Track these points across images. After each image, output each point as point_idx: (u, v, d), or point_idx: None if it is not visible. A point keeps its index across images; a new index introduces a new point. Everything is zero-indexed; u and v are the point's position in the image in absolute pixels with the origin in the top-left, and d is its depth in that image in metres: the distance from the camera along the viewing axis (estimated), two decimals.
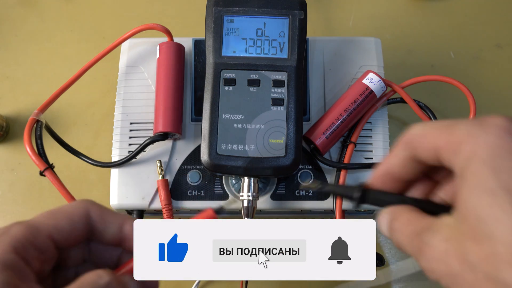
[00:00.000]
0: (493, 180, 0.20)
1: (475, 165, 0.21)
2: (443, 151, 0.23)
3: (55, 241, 0.25)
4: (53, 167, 0.42)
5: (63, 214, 0.26)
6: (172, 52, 0.45)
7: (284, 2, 0.42)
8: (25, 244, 0.24)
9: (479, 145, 0.21)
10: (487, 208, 0.20)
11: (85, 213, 0.27)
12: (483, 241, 0.20)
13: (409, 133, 0.26)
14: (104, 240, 0.27)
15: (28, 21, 0.62)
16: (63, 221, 0.26)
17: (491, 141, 0.21)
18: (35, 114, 0.43)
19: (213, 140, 0.40)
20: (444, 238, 0.22)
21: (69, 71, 0.48)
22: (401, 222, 0.25)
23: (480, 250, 0.20)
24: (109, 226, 0.27)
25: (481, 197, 0.20)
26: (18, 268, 0.24)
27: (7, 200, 0.55)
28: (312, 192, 0.44)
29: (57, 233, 0.26)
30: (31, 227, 0.25)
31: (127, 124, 0.45)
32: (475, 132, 0.22)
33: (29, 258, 0.24)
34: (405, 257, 0.52)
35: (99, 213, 0.27)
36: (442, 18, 0.62)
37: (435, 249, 0.23)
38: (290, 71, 0.41)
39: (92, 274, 0.25)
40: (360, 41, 0.48)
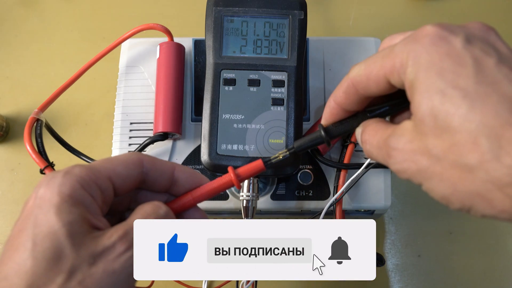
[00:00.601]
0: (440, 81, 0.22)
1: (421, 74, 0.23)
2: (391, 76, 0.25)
3: (113, 183, 0.27)
4: (54, 165, 0.42)
5: (119, 161, 0.27)
6: (172, 52, 0.45)
7: (284, 2, 0.42)
8: (89, 182, 0.25)
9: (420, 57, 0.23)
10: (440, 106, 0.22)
11: (139, 161, 0.28)
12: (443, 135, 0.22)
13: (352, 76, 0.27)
14: (155, 186, 0.29)
15: (28, 21, 0.62)
16: (120, 167, 0.27)
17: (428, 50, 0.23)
18: (35, 113, 0.43)
19: (213, 140, 0.40)
20: (408, 140, 0.24)
21: (69, 71, 0.48)
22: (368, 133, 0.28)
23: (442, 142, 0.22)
24: (161, 172, 0.28)
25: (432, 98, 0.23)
26: (87, 203, 0.25)
27: (7, 200, 0.55)
28: (312, 192, 0.44)
29: (115, 176, 0.27)
30: (92, 168, 0.26)
31: (127, 124, 0.45)
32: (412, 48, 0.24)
33: (95, 196, 0.26)
34: (405, 257, 0.52)
35: (151, 161, 0.28)
36: (442, 18, 0.62)
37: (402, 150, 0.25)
38: (290, 71, 0.41)
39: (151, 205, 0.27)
40: (360, 41, 0.48)
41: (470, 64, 0.22)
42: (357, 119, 0.29)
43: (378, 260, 0.43)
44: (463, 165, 0.22)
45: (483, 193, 0.22)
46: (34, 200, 0.25)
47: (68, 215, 0.24)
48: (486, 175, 0.21)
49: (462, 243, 0.53)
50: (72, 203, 0.24)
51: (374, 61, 0.26)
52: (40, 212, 0.24)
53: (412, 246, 0.53)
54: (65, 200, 0.24)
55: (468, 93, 0.22)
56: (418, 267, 0.52)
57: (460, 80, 0.22)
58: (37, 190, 0.25)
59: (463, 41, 0.23)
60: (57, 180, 0.25)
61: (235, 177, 0.29)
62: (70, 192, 0.24)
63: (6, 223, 0.54)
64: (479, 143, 0.21)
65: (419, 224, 0.54)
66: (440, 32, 0.24)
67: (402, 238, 0.53)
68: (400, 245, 0.53)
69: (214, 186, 0.29)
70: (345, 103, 0.29)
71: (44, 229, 0.24)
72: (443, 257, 0.53)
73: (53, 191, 0.24)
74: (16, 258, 0.24)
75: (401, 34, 0.28)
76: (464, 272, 0.52)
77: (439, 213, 0.54)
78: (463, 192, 0.22)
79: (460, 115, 0.22)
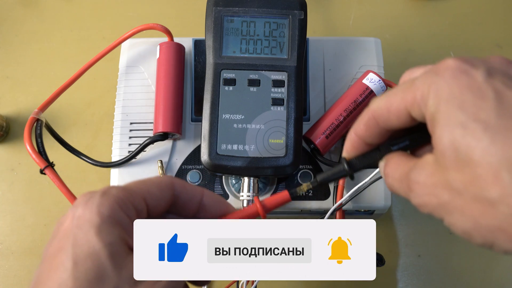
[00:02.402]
0: (461, 114, 0.22)
1: (442, 106, 0.23)
2: (412, 109, 0.25)
3: (147, 205, 0.27)
4: (54, 165, 0.42)
5: (153, 183, 0.28)
6: (172, 52, 0.45)
7: (284, 2, 0.42)
8: (126, 203, 0.26)
9: (441, 90, 0.23)
10: (461, 139, 0.22)
11: (171, 183, 0.28)
12: (464, 168, 0.22)
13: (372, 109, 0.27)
14: (184, 210, 0.29)
15: (28, 21, 0.62)
16: (154, 188, 0.27)
17: (449, 83, 0.23)
18: (35, 113, 0.43)
19: (213, 140, 0.40)
20: (429, 173, 0.24)
21: (69, 71, 0.48)
22: (391, 167, 0.27)
23: (463, 176, 0.22)
24: (191, 196, 0.29)
25: (453, 131, 0.22)
26: (125, 223, 0.25)
27: (7, 200, 0.55)
28: (312, 192, 0.44)
29: (149, 198, 0.27)
30: (128, 189, 0.26)
31: (127, 124, 0.45)
32: (433, 80, 0.24)
33: (130, 216, 0.26)
34: (405, 257, 0.52)
35: (182, 185, 0.28)
36: (442, 18, 0.62)
37: (423, 184, 0.24)
38: (290, 71, 0.41)
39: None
40: (360, 41, 0.48)
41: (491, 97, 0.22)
42: (380, 152, 0.29)
43: (378, 260, 0.43)
44: (484, 199, 0.22)
45: (506, 228, 0.21)
46: (72, 220, 0.25)
47: (109, 236, 0.24)
48: (508, 209, 0.21)
49: (462, 243, 0.53)
50: (112, 224, 0.24)
51: (395, 94, 0.26)
52: (80, 232, 0.24)
53: (412, 246, 0.53)
54: (104, 221, 0.24)
55: (489, 126, 0.22)
56: (418, 267, 0.52)
57: (481, 113, 0.22)
58: (74, 210, 0.25)
59: (484, 74, 0.23)
60: (95, 200, 0.25)
61: (261, 208, 0.30)
62: (109, 213, 0.25)
63: (6, 223, 0.54)
64: (500, 177, 0.21)
65: (419, 224, 0.54)
66: (461, 65, 0.24)
67: (402, 238, 0.53)
68: (400, 245, 0.53)
69: (240, 216, 0.30)
70: (366, 135, 0.28)
71: (85, 249, 0.24)
72: (443, 257, 0.53)
73: (92, 211, 0.24)
74: (56, 278, 0.23)
75: (421, 68, 0.27)
76: (464, 272, 0.52)
77: None
78: (485, 227, 0.22)
79: (481, 148, 0.21)
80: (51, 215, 0.54)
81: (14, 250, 0.53)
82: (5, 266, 0.53)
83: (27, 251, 0.53)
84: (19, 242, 0.53)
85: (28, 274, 0.52)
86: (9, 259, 0.53)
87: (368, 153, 0.29)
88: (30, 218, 0.54)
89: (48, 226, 0.54)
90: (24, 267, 0.53)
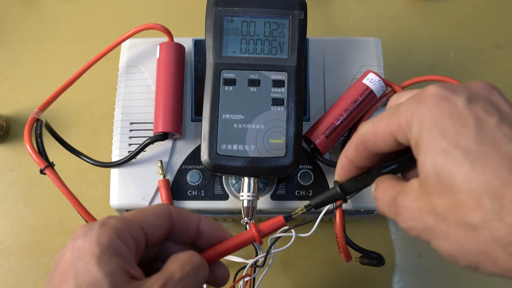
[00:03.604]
0: (442, 141, 0.23)
1: (425, 133, 0.24)
2: (398, 134, 0.26)
3: (145, 233, 0.27)
4: (54, 165, 0.42)
5: (150, 212, 0.28)
6: (172, 52, 0.45)
7: (284, 2, 0.42)
8: (125, 233, 0.26)
9: (423, 117, 0.24)
10: (443, 165, 0.23)
11: (168, 212, 0.29)
12: (446, 194, 0.23)
13: (360, 134, 0.28)
14: (181, 237, 0.29)
15: (28, 21, 0.62)
16: (151, 217, 0.28)
17: (432, 110, 0.24)
18: (35, 113, 0.43)
19: (213, 140, 0.40)
20: (414, 198, 0.25)
21: (69, 71, 0.48)
22: (380, 191, 0.28)
23: (446, 201, 0.23)
24: (188, 224, 0.29)
25: (435, 157, 0.23)
26: (124, 253, 0.26)
27: (7, 200, 0.55)
28: (312, 192, 0.44)
29: (147, 227, 0.27)
30: (126, 219, 0.27)
31: (127, 124, 0.45)
32: (416, 107, 0.25)
33: (130, 246, 0.26)
34: (405, 257, 0.52)
35: (179, 213, 0.29)
36: (442, 18, 0.62)
37: (409, 209, 0.25)
38: (290, 71, 0.41)
39: (186, 253, 0.27)
40: (360, 41, 0.48)
41: (471, 123, 0.23)
42: (371, 175, 0.29)
43: (378, 260, 0.43)
44: (467, 224, 0.22)
45: (488, 252, 0.22)
46: (72, 252, 0.25)
47: (109, 266, 0.24)
48: (489, 234, 0.22)
49: None
50: (111, 254, 0.25)
51: (381, 120, 0.27)
52: (80, 263, 0.24)
53: (412, 246, 0.53)
54: (104, 251, 0.25)
55: (469, 153, 0.22)
56: (418, 267, 0.52)
57: (462, 139, 0.23)
58: (74, 242, 0.25)
59: (465, 101, 0.24)
60: (94, 231, 0.25)
61: (257, 233, 0.30)
62: (109, 243, 0.25)
63: (6, 223, 0.54)
64: (481, 203, 0.22)
65: None
66: (443, 92, 0.24)
67: (402, 238, 0.53)
68: (400, 245, 0.53)
69: (236, 242, 0.30)
70: (356, 159, 0.29)
71: (87, 280, 0.24)
72: (443, 257, 0.53)
73: (91, 243, 0.25)
74: None
75: (407, 93, 0.28)
76: (464, 272, 0.52)
77: None
78: (469, 251, 0.23)
79: (462, 174, 0.22)
80: (51, 215, 0.54)
81: (14, 250, 0.53)
82: (5, 266, 0.53)
83: (27, 251, 0.53)
84: (19, 242, 0.53)
85: (28, 274, 0.52)
86: (9, 259, 0.53)
87: (360, 176, 0.30)
88: (30, 218, 0.54)
89: (48, 226, 0.54)
90: (24, 267, 0.53)
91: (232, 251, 0.30)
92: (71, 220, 0.54)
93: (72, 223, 0.54)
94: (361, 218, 0.49)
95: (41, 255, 0.53)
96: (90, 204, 0.54)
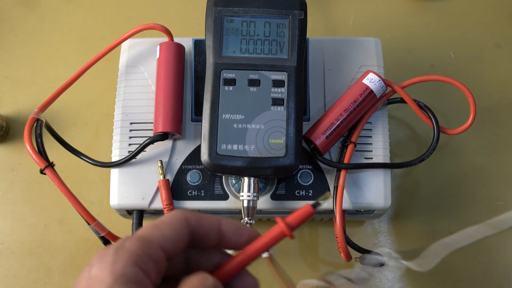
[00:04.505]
0: None
1: None
2: None
3: (165, 251, 0.26)
4: (54, 165, 0.42)
5: (166, 224, 0.27)
6: (172, 52, 0.45)
7: (284, 2, 0.42)
8: (142, 257, 0.25)
9: None
10: None
11: (185, 219, 0.27)
12: None
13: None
14: (204, 243, 0.28)
15: (28, 21, 0.62)
16: (169, 231, 0.26)
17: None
18: (35, 113, 0.43)
19: (213, 140, 0.40)
20: None
21: (69, 71, 0.48)
22: None
23: None
24: (208, 228, 0.27)
25: None
26: (140, 281, 0.24)
27: (7, 200, 0.55)
28: (312, 192, 0.44)
29: (166, 243, 0.26)
30: (143, 239, 0.26)
31: (127, 124, 0.45)
32: None
33: (147, 270, 0.25)
34: (405, 257, 0.52)
35: (196, 218, 0.27)
36: (442, 18, 0.62)
37: None
38: (290, 71, 0.41)
39: (197, 277, 0.26)
40: (360, 41, 0.48)
41: None
42: None
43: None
44: None
45: None
46: (87, 281, 0.25)
47: None
48: None
49: None
50: (125, 282, 0.24)
51: None
52: None
53: (412, 246, 0.53)
54: (116, 280, 0.24)
55: None
56: (417, 267, 0.52)
57: None
58: (89, 269, 0.25)
59: None
60: (109, 258, 0.25)
61: (286, 227, 0.27)
62: (122, 271, 0.24)
63: (6, 223, 0.54)
64: None
65: (419, 224, 0.54)
66: None
67: (402, 238, 0.53)
68: (400, 245, 0.53)
69: (266, 241, 0.27)
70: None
71: None
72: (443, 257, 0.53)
73: (105, 271, 0.24)
74: None
75: None
76: (464, 272, 0.52)
77: (439, 213, 0.54)
78: None
79: None
80: (51, 215, 0.54)
81: (14, 250, 0.53)
82: (5, 266, 0.53)
83: (27, 251, 0.53)
84: (19, 242, 0.53)
85: (28, 274, 0.52)
86: (9, 259, 0.53)
87: None
88: (30, 218, 0.54)
89: (48, 226, 0.54)
90: (24, 267, 0.53)
91: (261, 252, 0.27)
92: (71, 220, 0.54)
93: (72, 223, 0.54)
94: (361, 218, 0.49)
95: (41, 255, 0.53)
96: (90, 204, 0.54)
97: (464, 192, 0.55)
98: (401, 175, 0.55)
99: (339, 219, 0.42)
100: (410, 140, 0.57)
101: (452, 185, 0.55)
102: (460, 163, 0.56)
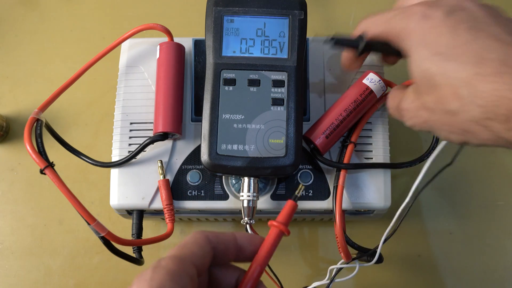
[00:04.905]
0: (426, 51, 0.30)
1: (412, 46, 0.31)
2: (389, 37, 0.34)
3: (196, 266, 0.27)
4: (54, 165, 0.42)
5: (191, 243, 0.28)
6: (172, 52, 0.45)
7: (284, 2, 0.42)
8: (180, 272, 0.26)
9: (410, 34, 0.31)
10: (427, 70, 0.30)
11: (206, 237, 0.28)
12: (432, 92, 0.30)
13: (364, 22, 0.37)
14: (224, 258, 0.29)
15: (28, 21, 0.62)
16: (196, 248, 0.28)
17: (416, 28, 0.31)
18: (35, 113, 0.43)
19: (213, 140, 0.40)
20: (411, 100, 0.32)
21: (69, 71, 0.48)
22: (389, 101, 0.37)
23: (432, 98, 0.30)
24: (226, 243, 0.29)
25: (421, 65, 0.30)
26: None
27: (7, 200, 0.55)
28: (312, 192, 0.44)
29: (196, 259, 0.27)
30: (176, 257, 0.26)
31: (127, 124, 0.45)
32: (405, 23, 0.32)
33: (184, 286, 0.26)
34: (405, 257, 0.52)
35: (214, 235, 0.29)
36: None
37: (408, 110, 0.33)
38: (290, 71, 0.41)
39: None
40: None
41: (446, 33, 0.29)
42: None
43: (371, 256, 0.43)
44: (449, 111, 0.29)
45: (469, 129, 0.28)
46: None
47: None
48: (467, 116, 0.28)
49: (462, 243, 0.53)
50: None
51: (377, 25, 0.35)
52: None
53: (412, 246, 0.53)
54: None
55: (446, 57, 0.28)
56: (418, 267, 0.52)
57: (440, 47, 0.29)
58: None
59: (442, 15, 0.29)
60: (147, 276, 0.25)
61: (281, 226, 0.30)
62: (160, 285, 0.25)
63: (6, 223, 0.54)
64: (457, 93, 0.28)
65: (419, 224, 0.54)
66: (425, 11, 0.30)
67: (402, 238, 0.53)
68: (400, 245, 0.53)
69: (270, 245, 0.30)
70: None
71: None
72: (443, 257, 0.53)
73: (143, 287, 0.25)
74: None
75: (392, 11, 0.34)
76: (464, 272, 0.52)
77: (439, 213, 0.54)
78: (457, 131, 0.29)
79: (442, 74, 0.28)
80: (51, 215, 0.54)
81: (14, 250, 0.53)
82: (5, 266, 0.53)
83: (27, 251, 0.53)
84: (19, 242, 0.53)
85: (28, 274, 0.52)
86: (9, 259, 0.53)
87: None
88: (30, 218, 0.54)
89: (48, 226, 0.54)
90: (24, 267, 0.53)
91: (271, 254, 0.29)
92: (71, 220, 0.54)
93: (72, 223, 0.54)
94: (361, 218, 0.49)
95: (41, 255, 0.53)
96: (90, 204, 0.54)
97: (464, 192, 0.55)
98: (401, 175, 0.55)
99: (339, 219, 0.42)
100: (410, 140, 0.57)
101: (452, 185, 0.55)
102: (460, 163, 0.56)
